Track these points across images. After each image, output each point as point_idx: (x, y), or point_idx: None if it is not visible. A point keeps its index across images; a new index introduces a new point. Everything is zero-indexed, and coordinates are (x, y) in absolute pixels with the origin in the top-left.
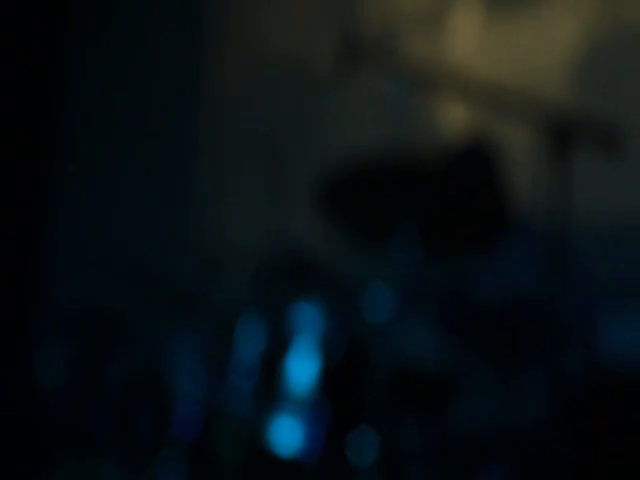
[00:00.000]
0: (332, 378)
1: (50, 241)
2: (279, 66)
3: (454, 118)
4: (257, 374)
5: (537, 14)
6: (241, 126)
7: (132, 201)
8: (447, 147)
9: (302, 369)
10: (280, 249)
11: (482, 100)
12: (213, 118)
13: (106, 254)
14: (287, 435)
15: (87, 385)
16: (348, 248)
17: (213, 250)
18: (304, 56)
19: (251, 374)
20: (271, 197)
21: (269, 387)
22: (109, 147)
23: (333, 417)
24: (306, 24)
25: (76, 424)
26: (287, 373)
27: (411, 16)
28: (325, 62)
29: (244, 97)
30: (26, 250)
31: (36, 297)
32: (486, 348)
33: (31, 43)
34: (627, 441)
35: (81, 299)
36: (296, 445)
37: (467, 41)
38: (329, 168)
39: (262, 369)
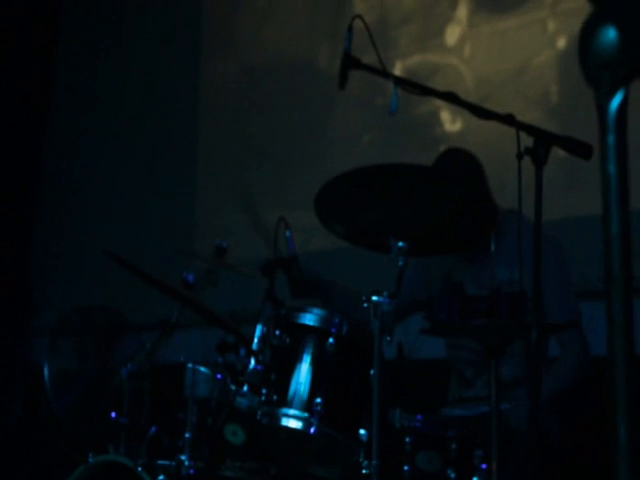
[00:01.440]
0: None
1: (48, 242)
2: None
3: (446, 120)
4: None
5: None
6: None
7: (130, 202)
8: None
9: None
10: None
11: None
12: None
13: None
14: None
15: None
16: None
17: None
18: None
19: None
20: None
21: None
22: (106, 146)
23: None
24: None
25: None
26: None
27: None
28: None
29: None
30: (24, 250)
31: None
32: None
33: (30, 33)
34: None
35: (83, 299)
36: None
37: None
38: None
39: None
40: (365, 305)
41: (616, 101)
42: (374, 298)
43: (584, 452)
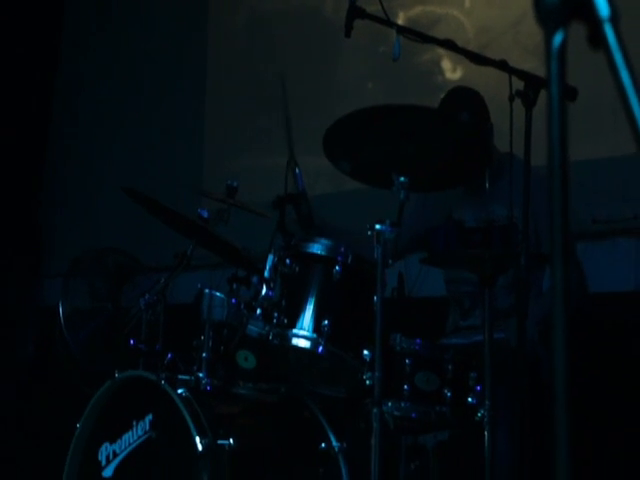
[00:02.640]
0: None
1: (57, 184)
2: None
3: (447, 69)
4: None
5: None
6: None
7: (141, 144)
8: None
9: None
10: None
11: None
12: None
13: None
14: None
15: (107, 316)
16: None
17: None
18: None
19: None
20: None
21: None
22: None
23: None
24: None
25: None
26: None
27: None
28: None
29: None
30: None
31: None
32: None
33: None
34: None
35: (94, 241)
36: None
37: None
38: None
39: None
40: (369, 233)
41: (559, 38)
42: (377, 226)
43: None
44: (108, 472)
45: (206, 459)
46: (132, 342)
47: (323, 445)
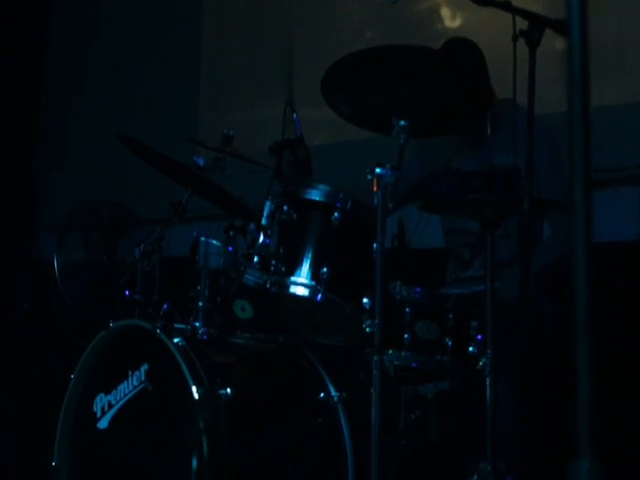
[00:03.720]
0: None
1: (53, 136)
2: None
3: (446, 16)
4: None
5: None
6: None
7: (136, 94)
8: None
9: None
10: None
11: None
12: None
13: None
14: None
15: (102, 268)
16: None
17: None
18: None
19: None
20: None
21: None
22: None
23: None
24: None
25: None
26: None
27: None
28: None
29: None
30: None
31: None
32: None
33: None
34: None
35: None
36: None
37: None
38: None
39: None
40: (369, 177)
41: None
42: (377, 170)
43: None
44: (103, 423)
45: (203, 408)
46: (127, 293)
47: (322, 395)
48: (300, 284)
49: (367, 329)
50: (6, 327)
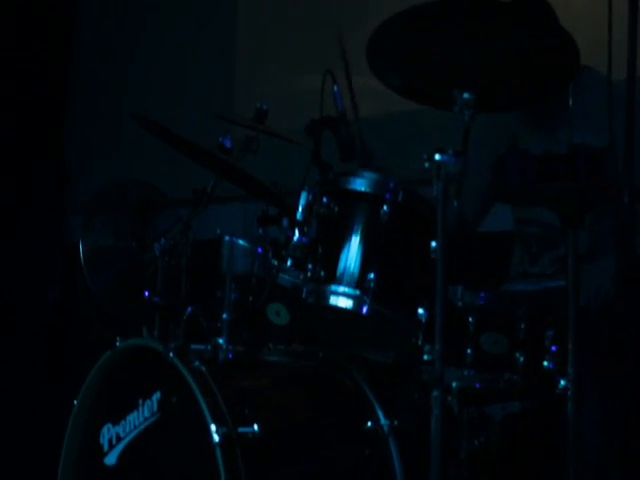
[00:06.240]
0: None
1: (82, 116)
2: None
3: None
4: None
5: None
6: None
7: (169, 69)
8: None
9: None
10: None
11: None
12: None
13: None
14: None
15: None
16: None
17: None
18: None
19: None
20: None
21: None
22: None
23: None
24: None
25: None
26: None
27: None
28: None
29: None
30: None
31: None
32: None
33: None
34: None
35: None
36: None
37: None
38: None
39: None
40: (426, 165)
41: None
42: (437, 157)
43: None
44: (111, 459)
45: (224, 451)
46: (147, 294)
47: (369, 424)
48: (342, 294)
49: (426, 356)
50: (40, 315)
